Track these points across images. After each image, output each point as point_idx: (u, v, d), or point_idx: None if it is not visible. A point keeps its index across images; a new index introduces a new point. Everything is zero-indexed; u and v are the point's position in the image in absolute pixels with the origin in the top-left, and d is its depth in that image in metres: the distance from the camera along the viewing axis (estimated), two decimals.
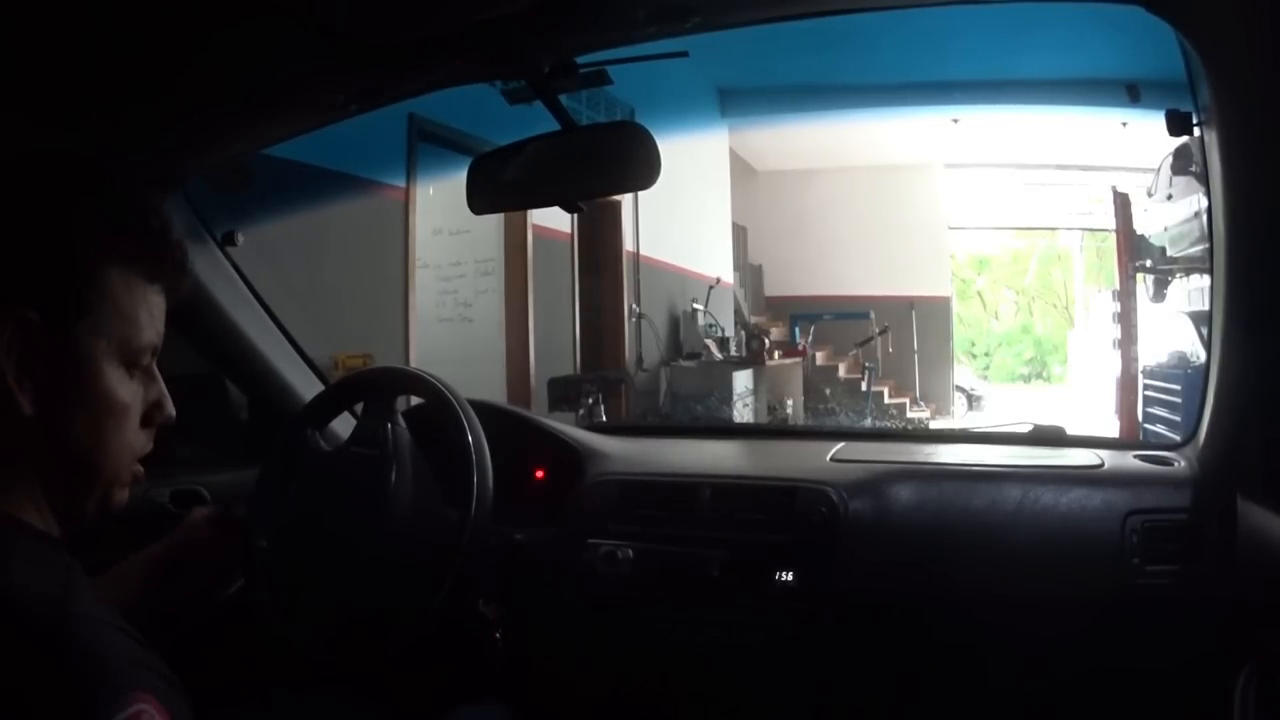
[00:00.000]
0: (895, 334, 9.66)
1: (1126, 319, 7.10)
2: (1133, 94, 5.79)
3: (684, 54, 1.12)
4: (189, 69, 1.01)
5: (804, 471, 1.46)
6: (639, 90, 5.05)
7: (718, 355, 7.65)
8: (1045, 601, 1.28)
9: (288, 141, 1.34)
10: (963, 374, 12.97)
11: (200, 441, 1.65)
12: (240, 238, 1.53)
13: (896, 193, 11.08)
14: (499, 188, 1.24)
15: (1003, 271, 16.31)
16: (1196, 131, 1.08)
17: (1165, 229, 7.01)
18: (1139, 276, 7.35)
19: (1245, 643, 1.08)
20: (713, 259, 8.65)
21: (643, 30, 1.06)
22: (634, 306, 7.10)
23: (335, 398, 1.42)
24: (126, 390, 0.75)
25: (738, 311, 9.51)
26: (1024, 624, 1.29)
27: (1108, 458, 1.42)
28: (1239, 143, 1.02)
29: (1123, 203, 7.41)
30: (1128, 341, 7.01)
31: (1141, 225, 7.36)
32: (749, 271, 11.11)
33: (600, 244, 6.77)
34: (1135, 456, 1.42)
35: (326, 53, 0.99)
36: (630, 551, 1.42)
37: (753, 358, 7.94)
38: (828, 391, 9.44)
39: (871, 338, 9.38)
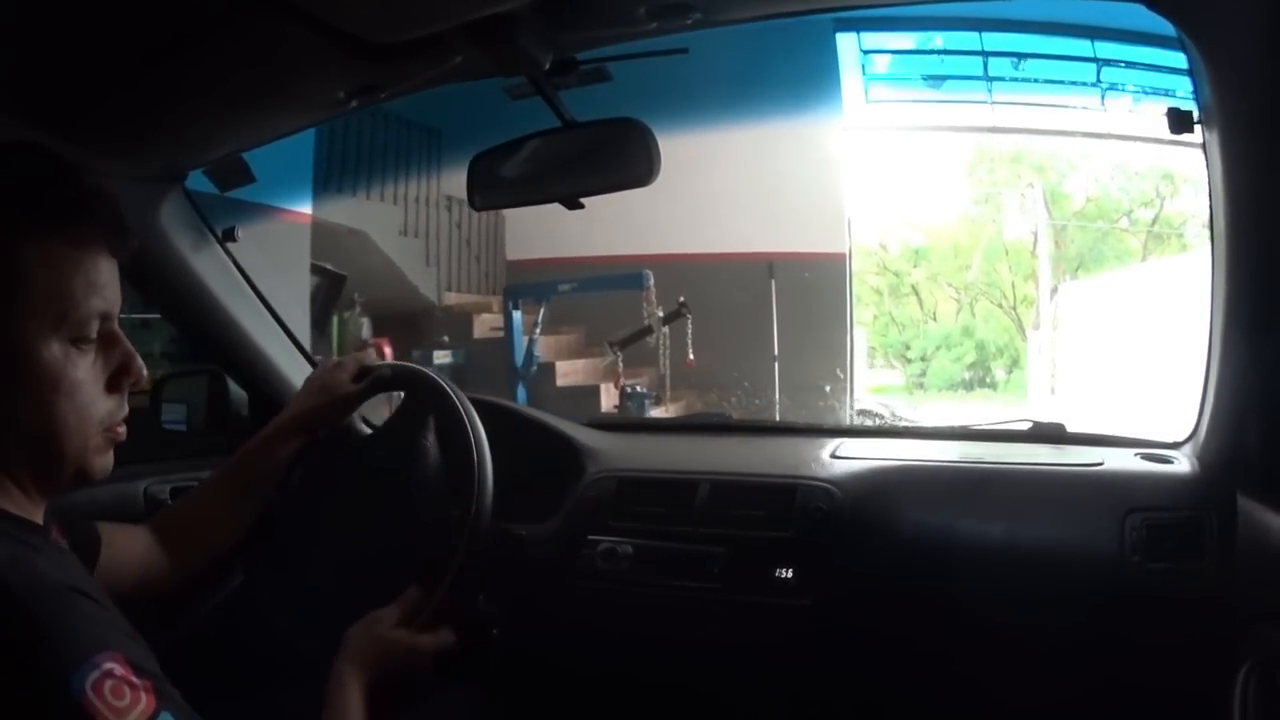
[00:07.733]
0: (748, 318, 5.77)
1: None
2: None
3: (684, 50, 1.12)
4: (189, 64, 1.01)
5: (804, 469, 1.46)
6: None
7: None
8: (1045, 598, 1.28)
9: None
10: (884, 380, 9.89)
11: (201, 435, 1.65)
12: (240, 233, 1.53)
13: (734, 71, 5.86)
14: (499, 184, 1.24)
15: (942, 265, 13.74)
16: (1198, 129, 1.08)
17: None
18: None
19: (1245, 639, 1.08)
20: None
21: (643, 27, 1.06)
22: None
23: None
24: (72, 365, 0.74)
25: (399, 282, 6.11)
26: (1024, 621, 1.29)
27: (1108, 455, 1.42)
28: (1239, 140, 1.02)
29: None
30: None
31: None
32: (465, 218, 7.02)
33: None
34: (1135, 454, 1.42)
35: (327, 49, 0.98)
36: (630, 548, 1.43)
37: None
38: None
39: (646, 329, 4.98)
